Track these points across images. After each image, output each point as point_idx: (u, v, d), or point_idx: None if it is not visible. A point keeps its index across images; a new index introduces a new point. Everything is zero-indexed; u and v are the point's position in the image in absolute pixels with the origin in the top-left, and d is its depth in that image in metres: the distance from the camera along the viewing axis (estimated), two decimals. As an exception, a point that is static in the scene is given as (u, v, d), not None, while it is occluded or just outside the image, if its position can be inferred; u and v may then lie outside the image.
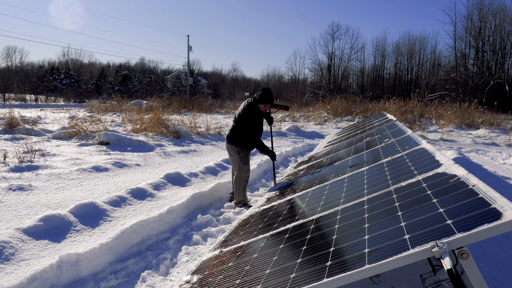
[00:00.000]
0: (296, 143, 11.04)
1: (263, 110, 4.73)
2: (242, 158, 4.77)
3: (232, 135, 4.78)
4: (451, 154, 8.12)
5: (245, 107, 4.71)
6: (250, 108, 4.68)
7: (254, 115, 4.67)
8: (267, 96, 4.64)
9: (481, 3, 41.06)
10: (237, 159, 4.77)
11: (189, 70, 48.34)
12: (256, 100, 4.69)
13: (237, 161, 4.78)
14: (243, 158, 4.78)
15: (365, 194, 2.48)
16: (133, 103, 22.73)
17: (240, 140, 4.74)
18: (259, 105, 4.69)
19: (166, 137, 10.22)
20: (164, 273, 3.04)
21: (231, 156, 4.89)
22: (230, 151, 4.86)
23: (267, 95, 4.65)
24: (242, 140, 4.74)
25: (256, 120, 4.69)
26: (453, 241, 1.34)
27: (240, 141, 4.74)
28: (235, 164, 4.83)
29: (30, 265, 2.85)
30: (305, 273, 1.67)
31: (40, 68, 52.08)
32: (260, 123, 4.76)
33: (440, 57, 50.27)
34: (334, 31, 59.46)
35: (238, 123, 4.77)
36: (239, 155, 4.76)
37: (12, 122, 9.82)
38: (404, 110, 17.95)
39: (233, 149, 4.78)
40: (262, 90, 4.69)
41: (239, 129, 4.74)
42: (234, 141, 4.77)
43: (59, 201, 4.38)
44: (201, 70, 76.35)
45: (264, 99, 4.64)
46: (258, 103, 4.68)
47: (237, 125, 4.77)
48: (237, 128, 4.77)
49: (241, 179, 4.76)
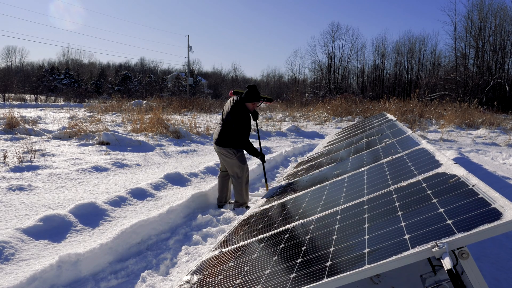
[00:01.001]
0: (296, 143, 11.04)
1: (251, 108, 4.63)
2: (240, 158, 4.68)
3: (223, 137, 4.63)
4: (451, 154, 8.12)
5: (232, 106, 4.58)
6: (238, 108, 4.55)
7: (242, 115, 4.55)
8: (254, 94, 4.56)
9: (481, 3, 41.09)
10: (235, 161, 4.64)
11: (189, 70, 48.35)
12: (243, 99, 4.59)
13: (236, 163, 4.65)
14: (241, 158, 4.70)
15: (365, 194, 2.48)
16: (133, 103, 22.73)
17: (232, 141, 4.61)
18: (247, 103, 4.59)
19: (166, 137, 10.22)
20: (164, 273, 3.04)
21: (227, 159, 4.68)
22: (224, 154, 4.67)
23: (254, 93, 4.56)
24: (235, 141, 4.61)
25: (244, 119, 4.56)
26: (453, 241, 1.34)
27: (233, 142, 4.61)
28: (234, 166, 4.67)
29: (30, 265, 2.85)
30: (305, 273, 1.67)
31: (40, 68, 52.09)
32: (248, 122, 4.63)
33: (440, 57, 50.33)
34: (334, 31, 59.53)
35: (227, 124, 4.62)
36: (237, 155, 4.65)
37: (12, 122, 9.81)
38: (404, 110, 17.95)
39: (229, 152, 4.63)
40: (249, 88, 4.60)
41: (230, 130, 4.60)
42: (227, 143, 4.62)
43: (59, 201, 4.38)
44: (201, 70, 76.45)
45: (251, 97, 4.55)
46: (246, 102, 4.58)
47: (227, 126, 4.62)
48: (227, 129, 4.62)
49: (243, 180, 4.69)
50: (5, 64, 63.93)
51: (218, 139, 4.68)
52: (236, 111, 4.54)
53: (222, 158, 4.78)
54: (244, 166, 4.71)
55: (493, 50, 40.69)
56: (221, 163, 4.90)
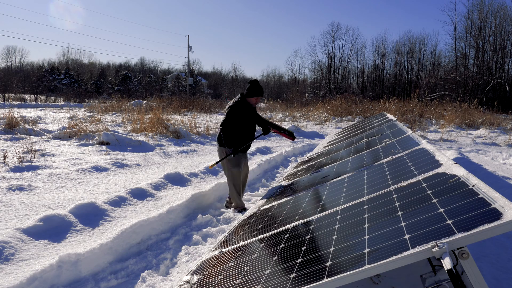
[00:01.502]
0: (296, 143, 11.04)
1: (254, 103, 4.59)
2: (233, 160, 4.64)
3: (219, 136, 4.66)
4: (451, 154, 8.12)
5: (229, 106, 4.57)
6: (232, 105, 4.53)
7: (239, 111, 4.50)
8: (256, 88, 4.52)
9: (481, 3, 41.11)
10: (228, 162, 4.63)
11: (189, 70, 48.36)
12: (245, 95, 4.56)
13: (224, 162, 4.68)
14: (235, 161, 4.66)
15: (365, 194, 2.48)
16: (133, 103, 22.73)
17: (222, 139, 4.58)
18: (249, 99, 4.55)
19: (166, 137, 10.22)
20: (164, 273, 3.04)
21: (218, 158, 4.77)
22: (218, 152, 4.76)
23: (256, 87, 4.53)
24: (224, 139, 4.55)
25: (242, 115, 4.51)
26: (453, 241, 1.34)
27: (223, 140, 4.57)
28: (223, 165, 4.74)
29: (30, 265, 2.85)
30: (305, 273, 1.67)
31: (40, 68, 52.10)
32: (250, 118, 4.57)
33: (440, 57, 50.33)
34: (334, 31, 59.42)
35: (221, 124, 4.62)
36: (226, 155, 4.63)
37: (12, 122, 9.82)
38: (404, 110, 17.95)
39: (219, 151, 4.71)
40: (250, 83, 4.56)
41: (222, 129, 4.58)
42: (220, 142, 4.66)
43: (59, 201, 4.38)
44: (201, 70, 76.43)
45: (254, 92, 4.51)
46: (248, 97, 4.54)
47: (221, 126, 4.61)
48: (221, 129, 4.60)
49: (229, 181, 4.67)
50: (5, 64, 63.89)
51: (217, 140, 4.74)
52: (228, 107, 4.55)
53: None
54: (233, 169, 4.60)
55: (493, 50, 40.71)
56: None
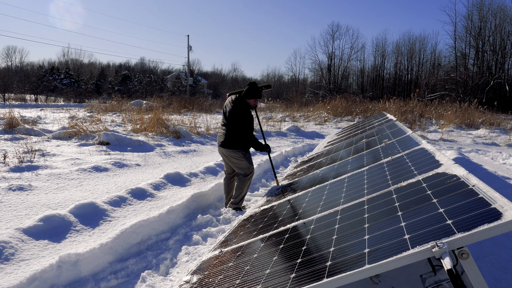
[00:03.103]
0: (296, 143, 11.04)
1: (253, 104, 4.64)
2: (248, 159, 4.69)
3: (230, 139, 4.55)
4: (451, 154, 8.12)
5: (233, 106, 4.52)
6: (239, 106, 4.52)
7: (244, 112, 4.51)
8: (255, 91, 4.56)
9: (481, 3, 41.10)
10: (244, 161, 4.61)
11: (189, 70, 48.33)
12: (244, 96, 4.57)
13: (245, 164, 4.62)
14: (249, 159, 4.72)
15: (365, 194, 2.48)
16: (133, 103, 22.72)
17: (239, 142, 4.55)
18: (249, 100, 4.58)
19: (166, 137, 10.22)
20: (164, 273, 3.04)
21: (235, 161, 4.62)
22: (233, 156, 4.60)
23: (255, 89, 4.57)
24: (241, 141, 4.56)
25: (247, 116, 4.53)
26: (453, 241, 1.34)
27: (240, 143, 4.55)
28: (243, 167, 4.63)
29: (30, 265, 2.85)
30: (305, 273, 1.67)
31: (40, 68, 52.07)
32: (251, 118, 4.60)
33: (440, 57, 50.34)
34: (334, 31, 59.53)
35: (231, 125, 4.55)
36: (246, 156, 4.63)
37: (12, 122, 9.81)
38: (404, 110, 17.95)
39: (237, 154, 4.57)
40: (249, 85, 4.59)
41: (235, 131, 4.54)
42: (234, 145, 4.55)
43: (59, 201, 4.38)
44: (201, 70, 76.39)
45: (253, 94, 4.55)
46: (248, 99, 4.57)
47: (231, 127, 4.56)
48: (232, 130, 4.55)
49: (249, 179, 4.66)
50: (5, 64, 63.97)
51: (224, 142, 4.59)
52: (238, 109, 4.50)
53: (229, 161, 4.69)
54: (251, 166, 4.70)
55: (493, 50, 40.70)
56: (226, 166, 4.84)
